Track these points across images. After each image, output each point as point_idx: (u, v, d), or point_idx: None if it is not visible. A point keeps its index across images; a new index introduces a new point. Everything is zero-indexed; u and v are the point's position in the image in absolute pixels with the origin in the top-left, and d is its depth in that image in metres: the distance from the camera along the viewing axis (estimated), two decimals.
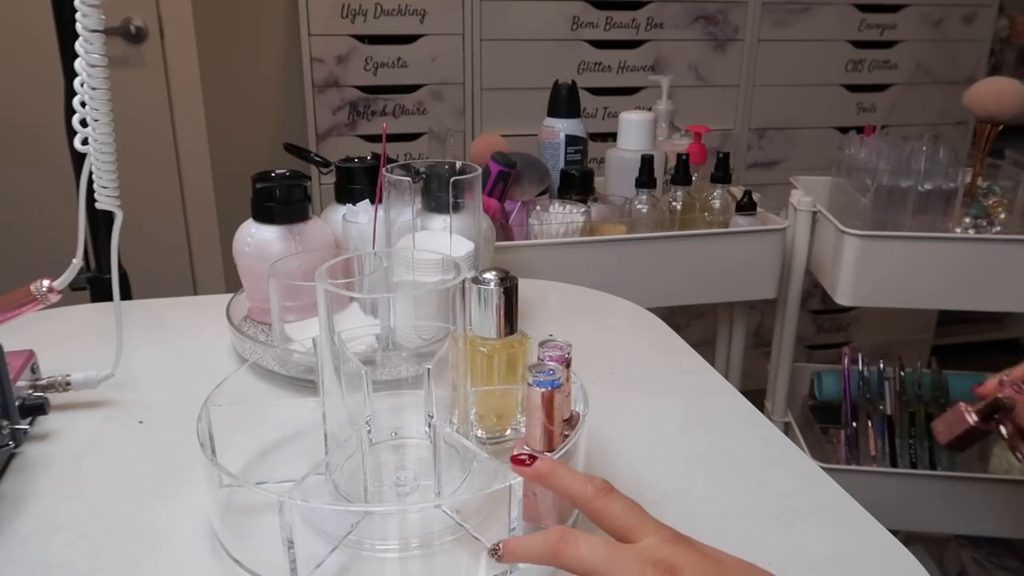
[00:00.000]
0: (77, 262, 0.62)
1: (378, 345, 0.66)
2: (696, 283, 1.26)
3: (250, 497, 0.50)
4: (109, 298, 0.64)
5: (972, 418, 0.73)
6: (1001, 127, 1.26)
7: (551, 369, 0.47)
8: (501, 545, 0.40)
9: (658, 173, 1.23)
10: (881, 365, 1.42)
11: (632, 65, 2.03)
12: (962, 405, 0.75)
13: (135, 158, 1.92)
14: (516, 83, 1.96)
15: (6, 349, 0.53)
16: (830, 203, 1.40)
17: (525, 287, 0.88)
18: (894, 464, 1.42)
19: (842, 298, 1.23)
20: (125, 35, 1.89)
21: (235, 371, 0.56)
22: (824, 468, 0.56)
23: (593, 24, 1.97)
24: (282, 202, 0.71)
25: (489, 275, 0.51)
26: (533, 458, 0.43)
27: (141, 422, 0.61)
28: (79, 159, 0.59)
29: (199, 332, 0.77)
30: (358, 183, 0.79)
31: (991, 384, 0.73)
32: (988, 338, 2.63)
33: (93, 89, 0.56)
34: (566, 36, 1.97)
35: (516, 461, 0.43)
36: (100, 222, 0.93)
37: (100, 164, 0.58)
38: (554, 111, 1.27)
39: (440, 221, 0.75)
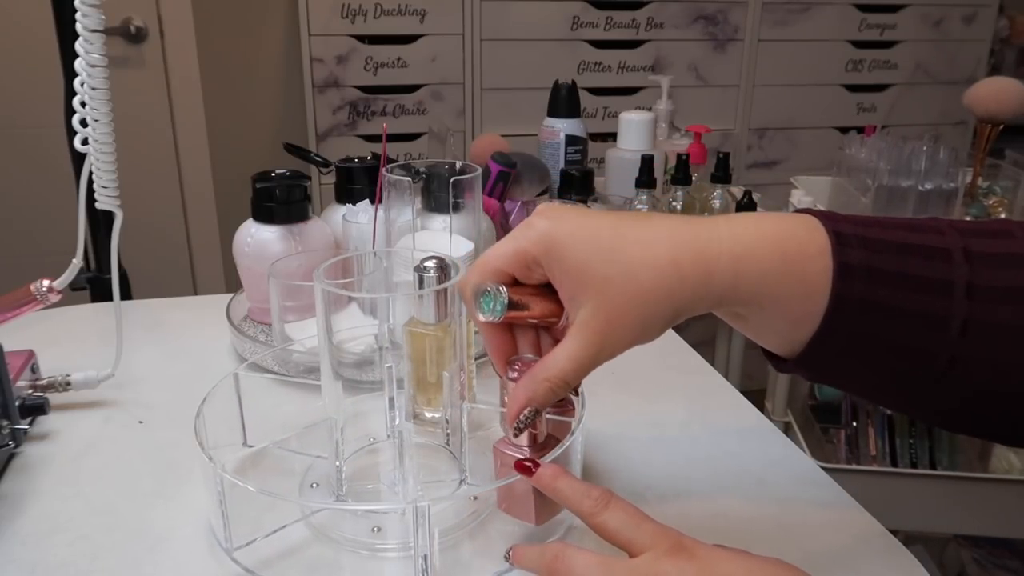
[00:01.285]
0: (77, 262, 0.62)
1: (377, 345, 0.66)
2: None
3: (250, 496, 0.50)
4: (109, 298, 0.64)
5: (521, 450, 0.45)
6: (1001, 127, 1.26)
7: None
8: (511, 551, 0.41)
9: (658, 173, 1.23)
10: None
11: (632, 65, 2.03)
12: (497, 448, 0.46)
13: (135, 158, 1.92)
14: (516, 83, 1.96)
15: (6, 349, 0.53)
16: (830, 203, 1.40)
17: None
18: (894, 464, 1.42)
19: None
20: (125, 35, 1.89)
21: (234, 370, 0.56)
22: (824, 468, 0.56)
23: (593, 24, 1.97)
24: (282, 202, 0.71)
25: (429, 263, 0.51)
26: (537, 464, 0.42)
27: (141, 422, 0.61)
28: (79, 159, 0.59)
29: (199, 332, 0.77)
30: (358, 183, 0.79)
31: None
32: None
33: (93, 89, 0.56)
34: (566, 36, 1.97)
35: (520, 467, 0.43)
36: (100, 222, 0.93)
37: (100, 164, 0.58)
38: (554, 111, 1.26)
39: (440, 221, 0.75)
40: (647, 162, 1.21)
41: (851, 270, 0.39)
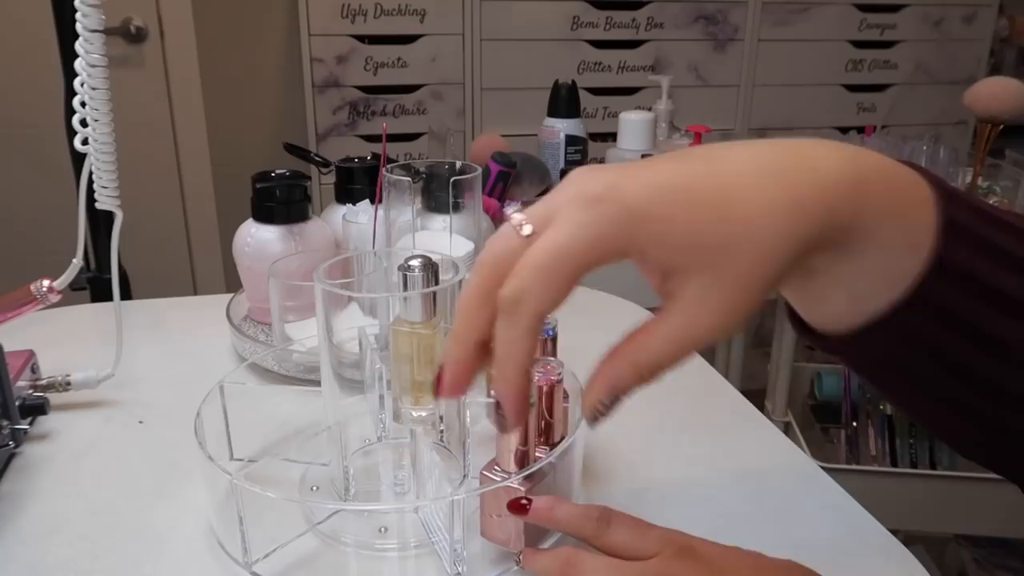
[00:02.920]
0: (77, 262, 0.62)
1: (376, 345, 0.66)
2: None
3: (251, 499, 0.50)
4: (109, 298, 0.64)
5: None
6: (1001, 127, 1.26)
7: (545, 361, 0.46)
8: (522, 555, 0.41)
9: None
10: None
11: (632, 65, 2.03)
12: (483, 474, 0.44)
13: (135, 158, 1.92)
14: (516, 83, 1.96)
15: (6, 349, 0.53)
16: None
17: None
18: (894, 464, 1.43)
19: None
20: (125, 35, 1.89)
21: (233, 370, 0.56)
22: (824, 468, 0.56)
23: (593, 24, 1.98)
24: (282, 202, 0.71)
25: (414, 262, 0.51)
26: (530, 500, 0.42)
27: (141, 422, 0.61)
28: (79, 159, 0.59)
29: (199, 332, 0.77)
30: (358, 183, 0.79)
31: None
32: None
33: (93, 89, 0.56)
34: (566, 36, 1.97)
35: (514, 507, 0.42)
36: (100, 222, 0.93)
37: (100, 164, 0.58)
38: (554, 111, 1.27)
39: (440, 221, 0.75)
40: None
41: (957, 230, 0.32)
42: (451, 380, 0.36)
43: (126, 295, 1.01)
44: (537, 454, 0.46)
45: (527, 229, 0.32)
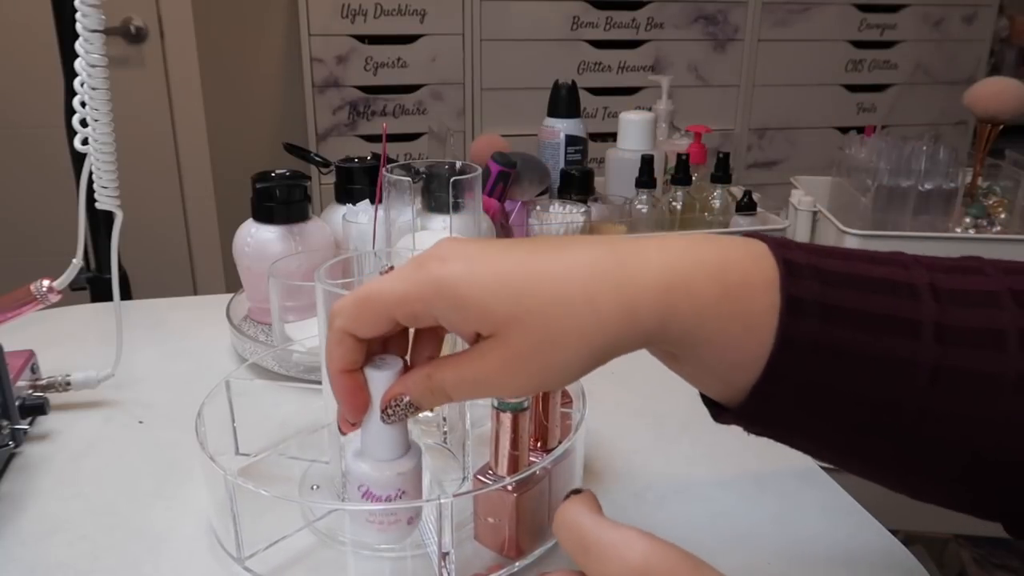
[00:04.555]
0: (77, 262, 0.62)
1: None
2: None
3: (251, 496, 0.50)
4: (109, 298, 0.64)
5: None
6: (1001, 127, 1.26)
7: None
8: None
9: (658, 173, 1.23)
10: None
11: (632, 65, 2.03)
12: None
13: (135, 158, 1.92)
14: (516, 83, 1.96)
15: (6, 349, 0.53)
16: (830, 203, 1.39)
17: None
18: None
19: None
20: (125, 35, 1.89)
21: (232, 372, 0.56)
22: (824, 468, 0.56)
23: (593, 24, 1.98)
24: (282, 202, 0.71)
25: None
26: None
27: (141, 422, 0.61)
28: (79, 159, 0.59)
29: (199, 332, 0.77)
30: (358, 183, 0.79)
31: None
32: None
33: (93, 89, 0.56)
34: (566, 36, 1.97)
35: None
36: (100, 222, 0.93)
37: (100, 164, 0.58)
38: (554, 111, 1.26)
39: (440, 221, 0.75)
40: (647, 162, 1.21)
41: (801, 305, 0.33)
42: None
43: (126, 295, 1.01)
44: (531, 459, 0.46)
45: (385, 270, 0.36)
